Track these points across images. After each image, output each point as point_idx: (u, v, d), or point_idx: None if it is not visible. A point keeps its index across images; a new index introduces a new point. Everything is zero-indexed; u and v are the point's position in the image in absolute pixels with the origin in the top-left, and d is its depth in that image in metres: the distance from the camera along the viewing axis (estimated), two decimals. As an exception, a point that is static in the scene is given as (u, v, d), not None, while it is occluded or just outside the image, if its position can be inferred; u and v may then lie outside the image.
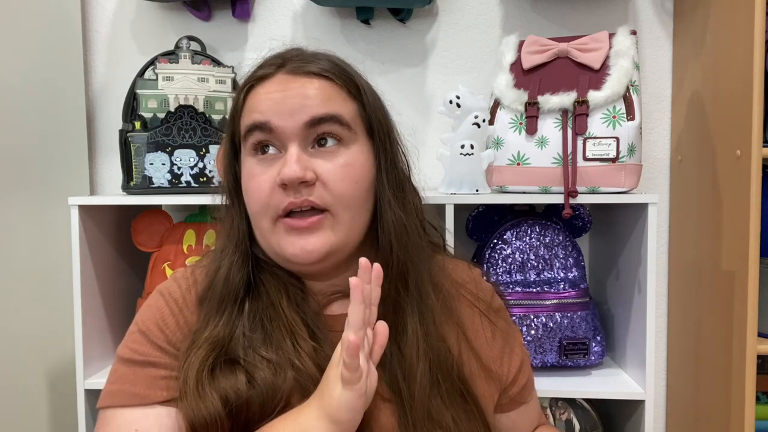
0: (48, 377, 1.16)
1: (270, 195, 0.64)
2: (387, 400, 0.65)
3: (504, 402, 0.76)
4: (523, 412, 0.79)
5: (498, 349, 0.74)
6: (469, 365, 0.70)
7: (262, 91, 0.66)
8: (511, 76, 1.09)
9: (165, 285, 0.71)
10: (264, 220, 0.65)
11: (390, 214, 0.67)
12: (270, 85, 0.67)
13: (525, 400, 0.78)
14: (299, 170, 0.62)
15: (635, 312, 1.07)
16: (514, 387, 0.76)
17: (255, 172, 0.66)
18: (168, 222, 1.15)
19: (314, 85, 0.66)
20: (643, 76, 1.27)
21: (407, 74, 1.32)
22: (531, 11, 1.29)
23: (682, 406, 1.23)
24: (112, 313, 1.15)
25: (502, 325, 0.77)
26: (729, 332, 1.01)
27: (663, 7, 1.27)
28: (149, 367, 0.65)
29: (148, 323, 0.67)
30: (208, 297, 0.67)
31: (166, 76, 1.12)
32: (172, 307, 0.68)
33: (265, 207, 0.65)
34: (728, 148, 1.02)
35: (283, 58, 0.69)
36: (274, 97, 0.65)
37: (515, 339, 0.78)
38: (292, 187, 0.63)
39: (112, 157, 1.35)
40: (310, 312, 0.67)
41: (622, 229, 1.12)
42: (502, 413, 0.77)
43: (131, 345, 0.66)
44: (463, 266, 0.79)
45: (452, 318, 0.71)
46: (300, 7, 1.32)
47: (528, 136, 1.05)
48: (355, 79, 0.70)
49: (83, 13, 1.32)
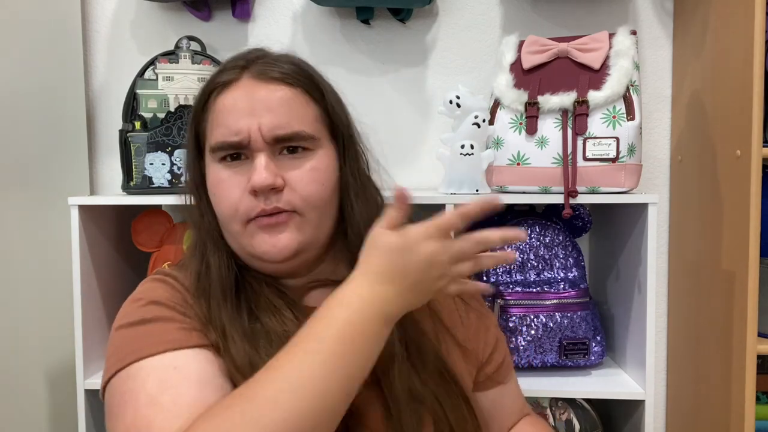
0: (48, 377, 1.16)
1: (239, 200, 0.65)
2: (369, 383, 0.65)
3: (481, 380, 0.78)
4: (502, 393, 0.81)
5: (473, 329, 0.77)
6: (446, 344, 0.73)
7: (228, 101, 0.67)
8: (511, 76, 1.09)
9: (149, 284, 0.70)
10: (234, 224, 0.66)
11: (357, 208, 0.70)
12: (235, 92, 0.67)
13: (503, 380, 0.81)
14: (269, 177, 0.64)
15: (635, 312, 1.07)
16: (490, 365, 0.79)
17: (222, 177, 0.67)
18: (168, 222, 1.15)
19: (278, 94, 0.67)
20: (643, 76, 1.27)
21: (407, 74, 1.32)
22: (531, 11, 1.29)
23: (682, 406, 1.23)
24: (112, 313, 1.14)
25: (476, 305, 0.80)
26: (729, 332, 1.01)
27: (663, 7, 1.27)
28: (175, 322, 0.62)
29: (158, 293, 0.66)
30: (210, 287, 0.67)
31: (166, 76, 1.12)
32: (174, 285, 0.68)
33: (234, 212, 0.66)
34: (728, 148, 1.02)
35: (246, 59, 0.69)
36: (241, 109, 0.66)
37: (489, 319, 0.81)
38: (262, 194, 0.65)
39: (112, 157, 1.35)
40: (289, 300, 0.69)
41: (622, 229, 1.12)
42: (480, 392, 0.79)
43: (142, 313, 0.63)
44: None
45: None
46: (300, 7, 1.32)
47: (528, 136, 1.05)
48: (318, 83, 0.71)
49: (83, 13, 1.32)
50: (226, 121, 0.66)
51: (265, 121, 0.65)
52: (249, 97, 0.66)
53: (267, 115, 0.65)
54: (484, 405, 0.79)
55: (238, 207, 0.65)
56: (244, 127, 0.65)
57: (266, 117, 0.65)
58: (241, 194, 0.65)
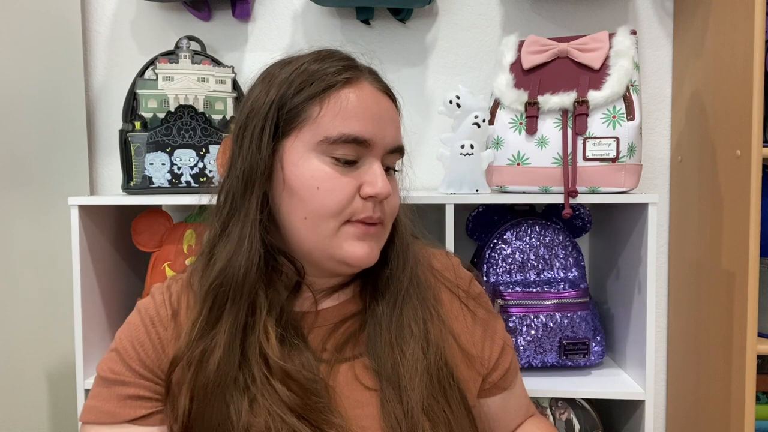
0: (48, 377, 1.16)
1: (349, 199, 0.65)
2: (370, 389, 0.67)
3: (487, 387, 0.78)
4: (507, 398, 0.80)
5: (479, 335, 0.76)
6: (451, 351, 0.72)
7: (359, 97, 0.66)
8: (511, 76, 1.10)
9: (143, 301, 0.72)
10: (331, 222, 0.65)
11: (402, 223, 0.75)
12: (362, 91, 0.67)
13: (508, 386, 0.80)
14: (388, 187, 0.66)
15: (635, 312, 1.07)
16: (496, 372, 0.77)
17: (330, 172, 0.65)
18: (168, 222, 1.15)
19: (393, 108, 0.71)
20: (643, 76, 1.27)
21: (407, 74, 1.32)
22: (531, 11, 1.29)
23: (682, 406, 1.23)
24: (112, 313, 1.15)
25: (482, 312, 0.78)
26: (729, 332, 1.01)
27: (663, 7, 1.27)
28: (119, 385, 0.67)
29: (124, 342, 0.69)
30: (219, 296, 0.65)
31: (166, 76, 1.12)
32: (147, 325, 0.69)
33: (340, 210, 0.65)
34: (728, 148, 1.02)
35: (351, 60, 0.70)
36: (372, 111, 0.66)
37: (496, 324, 0.80)
38: (378, 201, 0.67)
39: (112, 157, 1.35)
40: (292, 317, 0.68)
41: (622, 229, 1.12)
42: (485, 398, 0.78)
43: (107, 363, 0.69)
44: (441, 254, 0.82)
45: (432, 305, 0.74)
46: (300, 7, 1.32)
47: (528, 136, 1.05)
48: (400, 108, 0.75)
49: (83, 13, 1.32)
50: (355, 116, 0.65)
51: (387, 129, 0.68)
52: (377, 103, 0.68)
53: (388, 124, 0.68)
54: (489, 409, 0.79)
55: (346, 206, 0.65)
56: (370, 128, 0.66)
57: (388, 125, 0.68)
58: (352, 194, 0.65)
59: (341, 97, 0.65)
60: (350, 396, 0.66)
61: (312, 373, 0.64)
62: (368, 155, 0.67)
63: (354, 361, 0.68)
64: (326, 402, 0.64)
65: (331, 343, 0.69)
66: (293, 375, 0.63)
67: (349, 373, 0.68)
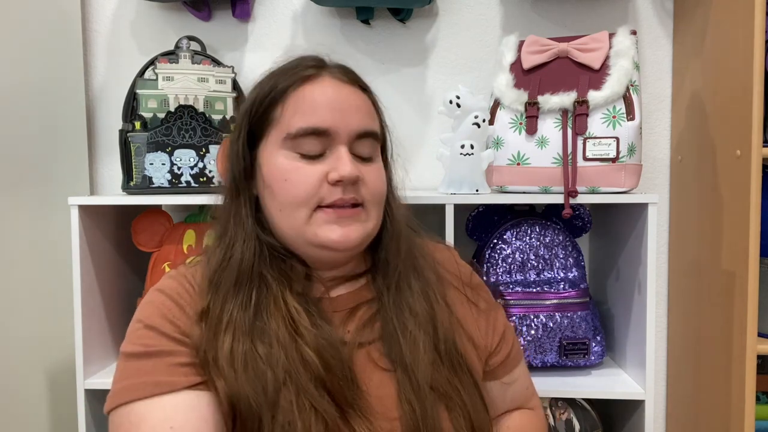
0: (48, 377, 1.16)
1: (316, 186, 0.68)
2: (386, 370, 0.69)
3: (488, 370, 0.80)
4: (505, 384, 0.82)
5: (482, 323, 0.79)
6: (459, 335, 0.75)
7: (316, 91, 0.69)
8: (511, 76, 1.10)
9: (162, 284, 0.72)
10: (302, 210, 0.68)
11: (395, 210, 0.77)
12: (319, 86, 0.70)
13: (509, 370, 0.81)
14: (355, 169, 0.68)
15: (635, 312, 1.07)
16: (497, 355, 0.80)
17: (296, 164, 0.69)
18: (168, 222, 1.15)
19: (361, 96, 0.72)
20: (643, 76, 1.27)
21: (407, 74, 1.32)
22: (531, 11, 1.29)
23: (682, 406, 1.23)
24: (112, 313, 1.15)
25: (483, 303, 0.81)
26: (729, 332, 1.01)
27: (663, 7, 1.27)
28: (166, 356, 0.64)
29: (153, 318, 0.67)
30: (223, 279, 0.68)
31: (166, 76, 1.12)
32: (176, 299, 0.69)
33: (309, 198, 0.68)
34: (728, 148, 1.02)
35: (317, 60, 0.73)
36: (330, 98, 0.69)
37: (497, 312, 0.82)
38: (346, 184, 0.68)
39: (112, 157, 1.35)
40: (312, 299, 0.71)
41: (622, 229, 1.12)
42: (486, 381, 0.80)
43: (139, 340, 0.66)
44: (441, 247, 0.86)
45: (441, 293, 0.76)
46: (300, 7, 1.32)
47: (528, 136, 1.05)
48: (377, 100, 0.76)
49: (83, 13, 1.32)
50: (312, 109, 0.68)
51: (351, 116, 0.69)
52: (336, 93, 0.70)
53: (353, 111, 0.70)
54: (489, 393, 0.80)
55: (314, 193, 0.67)
56: (329, 117, 0.68)
57: (352, 112, 0.70)
58: (319, 181, 0.68)
59: (299, 94, 0.69)
60: (371, 378, 0.68)
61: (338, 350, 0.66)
62: (334, 144, 0.69)
63: (370, 346, 0.70)
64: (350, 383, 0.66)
65: (352, 326, 0.71)
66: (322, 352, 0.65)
67: (367, 357, 0.70)
